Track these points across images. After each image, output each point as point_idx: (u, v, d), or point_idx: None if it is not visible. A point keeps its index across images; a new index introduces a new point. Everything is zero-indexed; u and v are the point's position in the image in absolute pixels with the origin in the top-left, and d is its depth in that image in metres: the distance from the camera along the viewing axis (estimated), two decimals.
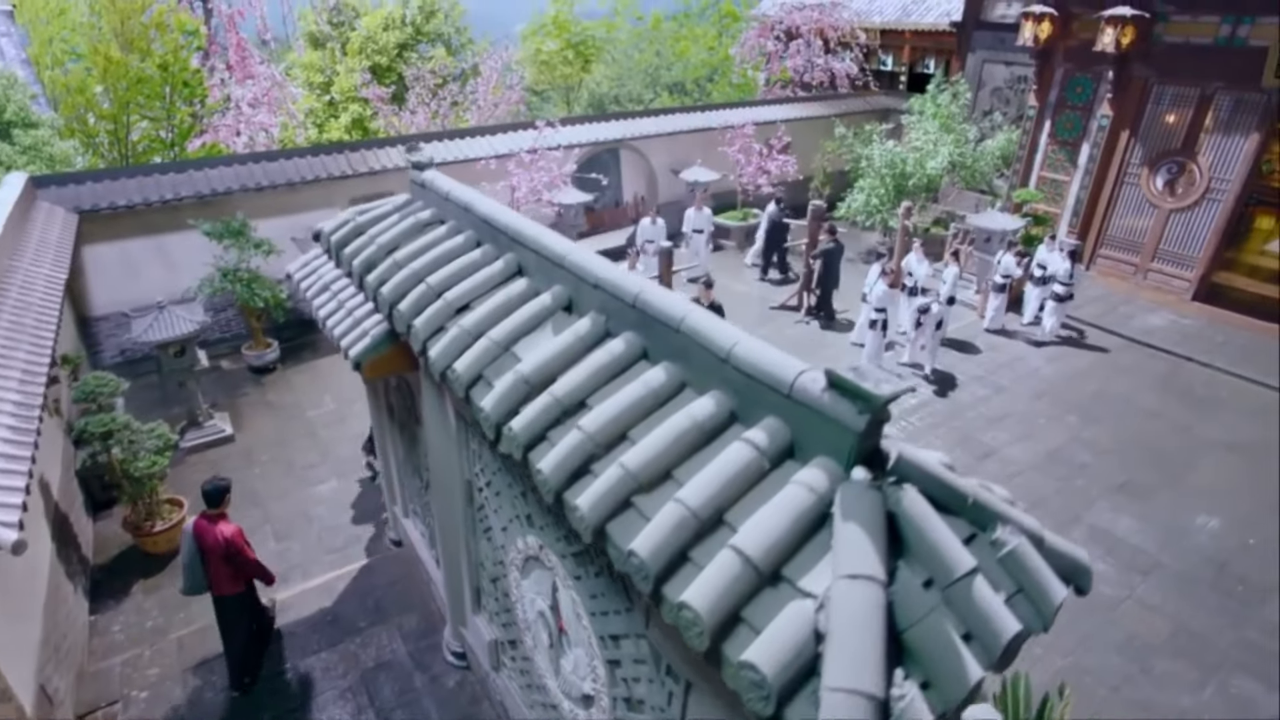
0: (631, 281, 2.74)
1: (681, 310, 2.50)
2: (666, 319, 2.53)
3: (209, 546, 5.25)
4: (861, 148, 14.92)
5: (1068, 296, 11.46)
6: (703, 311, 2.51)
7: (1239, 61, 11.01)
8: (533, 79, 23.37)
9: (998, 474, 8.50)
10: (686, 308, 2.51)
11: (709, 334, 2.38)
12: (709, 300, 9.57)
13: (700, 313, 2.49)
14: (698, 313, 2.48)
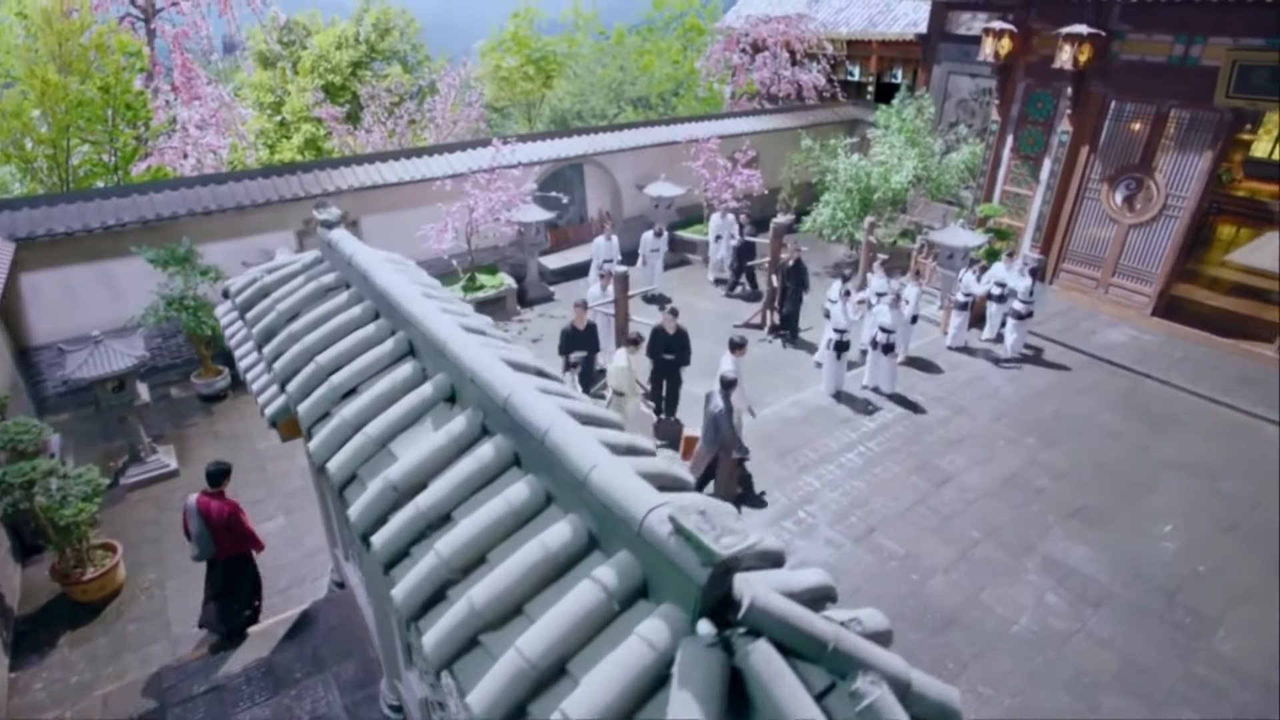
0: (504, 381, 2.59)
1: (547, 421, 2.36)
2: (532, 429, 2.39)
3: (213, 519, 6.16)
4: (828, 160, 14.87)
5: (1028, 314, 11.46)
6: (567, 424, 2.36)
7: (1192, 80, 11.04)
8: (493, 96, 23.10)
9: (955, 501, 8.45)
10: (553, 418, 2.37)
11: (569, 453, 2.24)
12: (673, 328, 9.43)
13: (564, 426, 2.34)
14: (562, 426, 2.34)
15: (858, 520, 8.12)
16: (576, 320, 9.46)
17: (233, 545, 6.43)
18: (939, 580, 7.34)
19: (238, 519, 6.35)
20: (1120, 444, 9.56)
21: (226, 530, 6.27)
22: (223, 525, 6.23)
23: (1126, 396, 10.69)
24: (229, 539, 6.34)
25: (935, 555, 7.64)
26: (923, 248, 13.66)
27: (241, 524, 6.39)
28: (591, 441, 2.28)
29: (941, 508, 8.33)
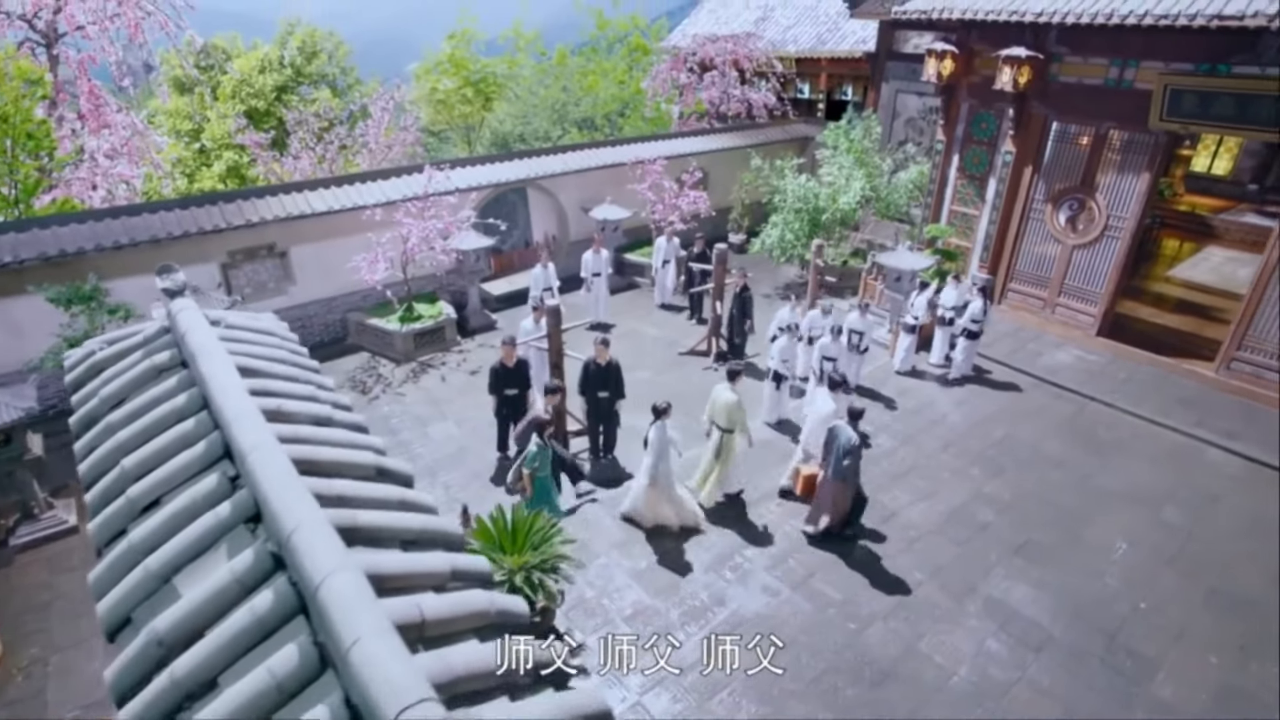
0: (290, 512, 2.22)
1: (323, 570, 1.99)
2: (306, 580, 2.02)
3: None
4: (777, 180, 14.71)
5: (978, 334, 11.35)
6: (344, 578, 1.99)
7: (1127, 103, 11.05)
8: (429, 119, 22.60)
9: (898, 539, 8.21)
10: (332, 567, 2.00)
11: (334, 618, 1.87)
12: (605, 359, 9.09)
13: (339, 582, 1.98)
14: (336, 582, 1.98)
15: (796, 564, 7.83)
16: (505, 358, 9.08)
17: None
18: (878, 628, 7.07)
19: None
20: (1064, 472, 9.42)
21: None
22: None
23: (1072, 421, 10.59)
24: None
25: (875, 601, 7.38)
26: (872, 269, 13.52)
27: None
28: (365, 602, 1.91)
29: (883, 548, 8.08)
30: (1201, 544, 8.23)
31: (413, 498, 2.88)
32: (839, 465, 7.62)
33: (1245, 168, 18.85)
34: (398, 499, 2.82)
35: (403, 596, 2.23)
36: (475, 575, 2.53)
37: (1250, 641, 7.00)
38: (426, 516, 2.72)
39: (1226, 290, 13.90)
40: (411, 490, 2.99)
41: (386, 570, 2.28)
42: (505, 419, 9.50)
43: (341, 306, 12.93)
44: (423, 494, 3.03)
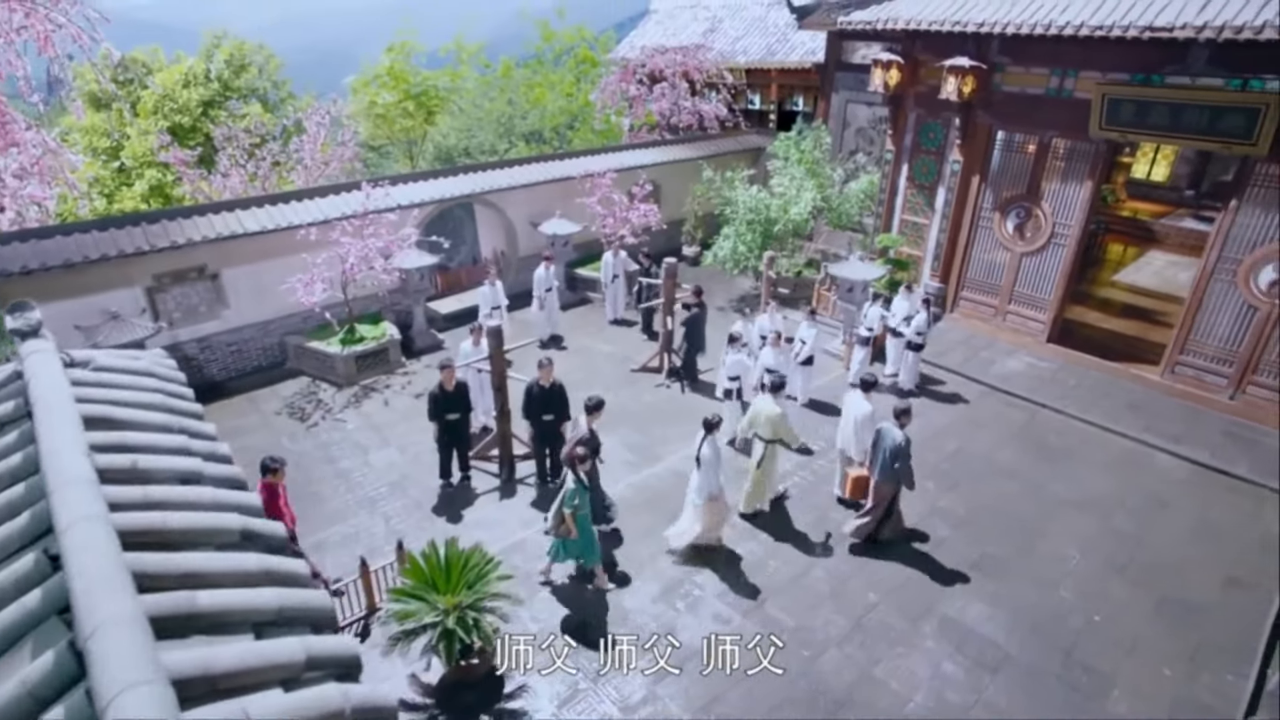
0: (95, 609, 1.87)
1: (114, 686, 1.65)
2: (97, 698, 1.67)
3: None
4: (728, 191, 14.58)
5: (921, 346, 11.29)
6: (137, 696, 1.65)
7: (1069, 112, 11.15)
8: (369, 134, 22.00)
9: (852, 559, 8.01)
10: (124, 681, 1.66)
11: None
12: (549, 380, 8.77)
13: (131, 701, 1.63)
14: (127, 701, 1.63)
15: (748, 590, 7.57)
16: (444, 382, 8.71)
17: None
18: (832, 655, 6.84)
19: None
20: (1017, 483, 9.36)
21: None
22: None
23: (1024, 429, 10.57)
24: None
25: (829, 625, 7.16)
26: (825, 280, 13.44)
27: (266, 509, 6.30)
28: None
29: (839, 567, 7.88)
30: (1152, 551, 8.20)
31: (278, 566, 2.54)
32: (888, 467, 7.66)
33: (1181, 174, 19.35)
34: (260, 570, 2.47)
35: (233, 700, 1.90)
36: (337, 662, 2.20)
37: (1201, 650, 6.94)
38: (287, 591, 2.38)
39: (1169, 294, 14.13)
40: (278, 556, 2.64)
41: (220, 668, 1.95)
42: (447, 445, 9.11)
43: (280, 330, 12.39)
44: (291, 560, 2.68)
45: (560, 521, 7.11)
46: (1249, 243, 10.16)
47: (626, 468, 9.66)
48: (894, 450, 7.58)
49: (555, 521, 7.20)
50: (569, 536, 7.16)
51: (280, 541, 2.80)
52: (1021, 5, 10.70)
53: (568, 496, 6.96)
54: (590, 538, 7.34)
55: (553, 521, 7.24)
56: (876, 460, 7.82)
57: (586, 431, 7.81)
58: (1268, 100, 9.33)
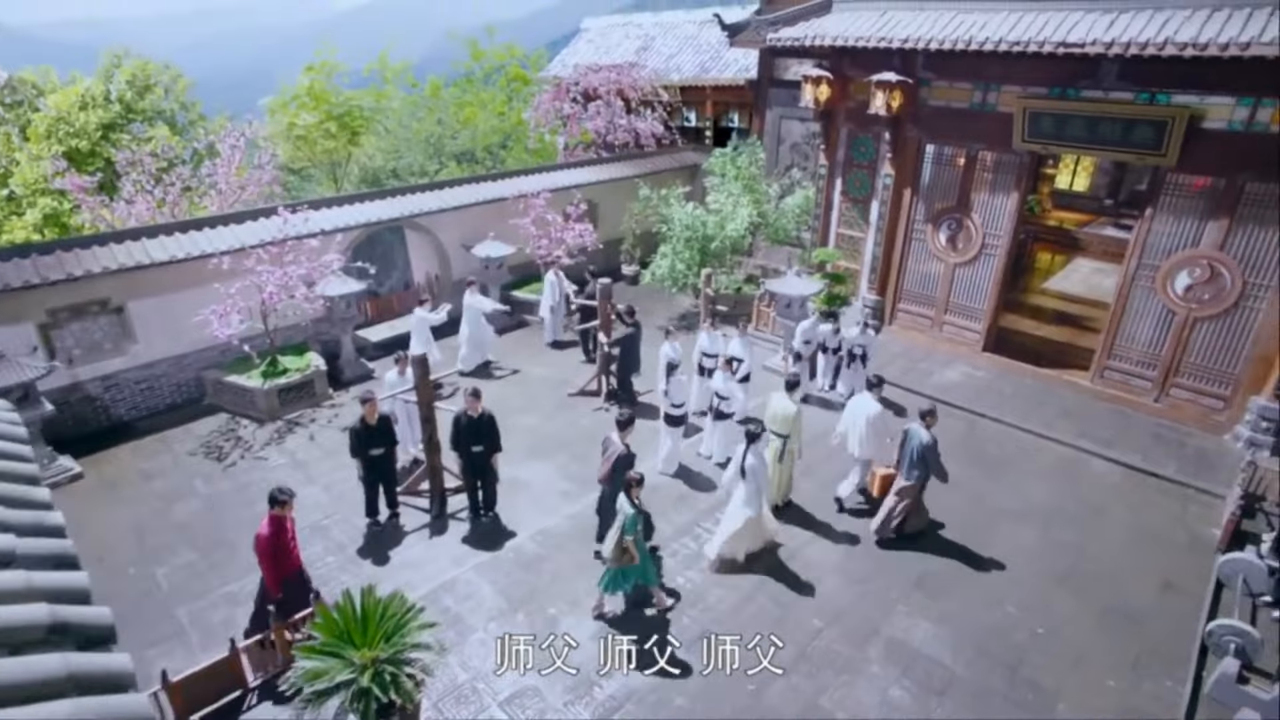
0: None
1: None
2: None
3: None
4: (665, 209, 14.44)
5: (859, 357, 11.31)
6: None
7: (993, 125, 11.37)
8: (289, 156, 21.18)
9: (797, 582, 7.80)
10: None
11: None
12: (477, 411, 8.37)
13: None
14: None
15: (691, 620, 7.28)
16: (366, 415, 8.23)
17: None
18: (778, 686, 6.58)
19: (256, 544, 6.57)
20: (959, 494, 9.29)
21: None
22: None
23: (964, 440, 10.58)
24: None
25: (774, 655, 6.89)
26: (763, 296, 13.38)
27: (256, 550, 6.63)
28: None
29: (782, 594, 7.65)
30: (1091, 560, 8.22)
31: (84, 668, 2.13)
32: (914, 465, 7.98)
33: (1101, 184, 20.11)
34: (63, 674, 2.07)
35: None
36: None
37: (1142, 659, 6.94)
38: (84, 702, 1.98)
39: (1096, 300, 14.52)
40: (89, 654, 2.23)
41: None
42: (372, 483, 8.62)
43: (196, 364, 11.67)
44: (111, 656, 2.27)
45: (622, 551, 6.84)
46: (1165, 249, 10.45)
47: (563, 498, 9.30)
48: (921, 449, 7.89)
49: (616, 552, 6.86)
50: (632, 564, 6.93)
51: (102, 631, 2.38)
52: (943, 22, 10.87)
53: (628, 524, 6.73)
54: (648, 560, 7.16)
55: (613, 553, 6.87)
56: (903, 460, 8.11)
57: (623, 448, 7.58)
58: (1174, 113, 9.64)
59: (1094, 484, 9.61)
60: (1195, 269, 10.21)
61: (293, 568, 6.84)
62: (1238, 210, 9.75)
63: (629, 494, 6.80)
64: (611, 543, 6.85)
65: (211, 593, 7.77)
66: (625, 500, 6.79)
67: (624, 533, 6.76)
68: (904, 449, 8.10)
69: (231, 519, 9.01)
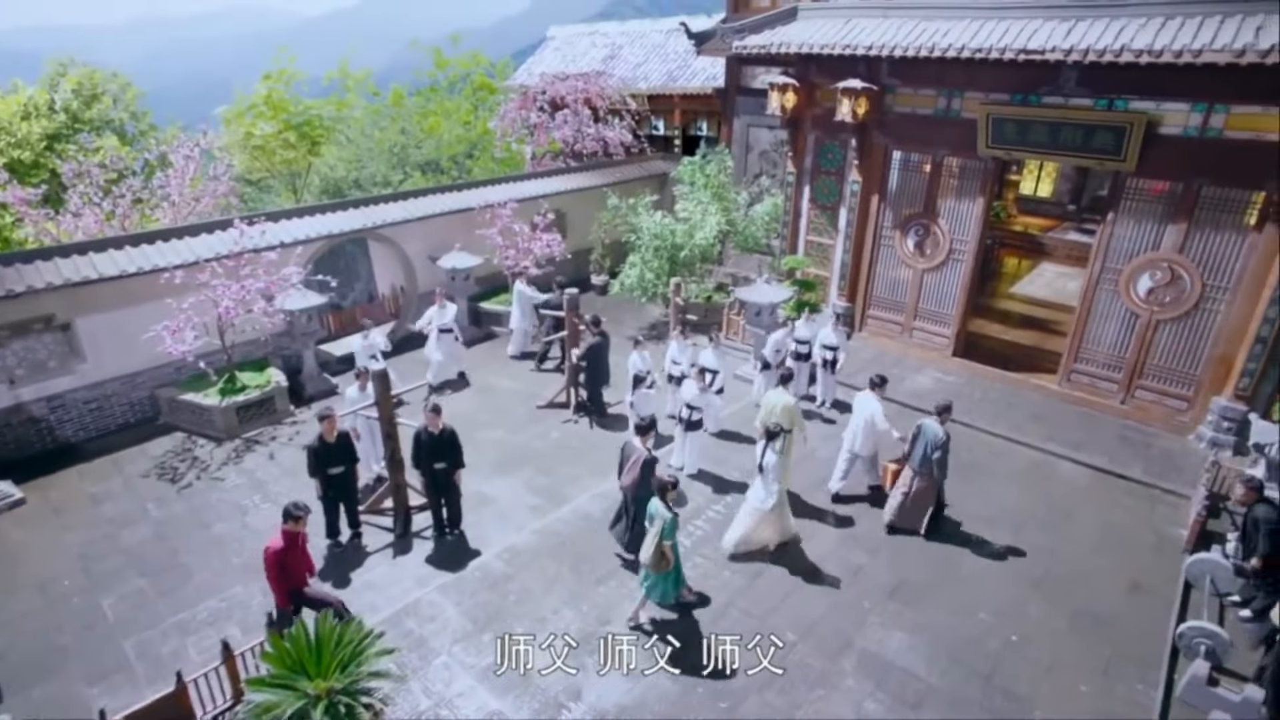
0: None
1: None
2: None
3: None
4: (633, 218, 14.34)
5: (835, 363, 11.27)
6: None
7: (958, 131, 11.44)
8: (246, 167, 20.81)
9: (770, 594, 7.67)
10: None
11: None
12: (438, 427, 8.14)
13: None
14: None
15: (658, 638, 7.09)
16: (325, 433, 7.97)
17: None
18: (751, 704, 6.43)
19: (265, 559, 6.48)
20: None
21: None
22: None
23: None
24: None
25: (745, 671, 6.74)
26: (733, 305, 13.32)
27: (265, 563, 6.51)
28: None
29: (754, 606, 7.51)
30: (1063, 563, 8.21)
31: None
32: (927, 459, 8.20)
33: (1064, 190, 20.43)
34: None
35: None
36: None
37: (1114, 662, 6.90)
38: None
39: (1062, 304, 14.68)
40: None
41: None
42: (332, 502, 8.34)
43: (149, 382, 11.28)
44: None
45: (661, 557, 6.81)
46: (1127, 253, 10.57)
47: (531, 513, 9.09)
48: (934, 443, 8.18)
49: (655, 558, 6.81)
50: (668, 569, 6.91)
51: None
52: (907, 29, 10.93)
53: (666, 529, 6.72)
54: (680, 563, 7.18)
55: (652, 558, 6.81)
56: (916, 453, 8.33)
57: (646, 452, 7.59)
58: (1132, 119, 9.77)
59: (1063, 487, 9.63)
60: (1156, 272, 10.33)
61: (302, 582, 6.76)
62: (1195, 214, 9.89)
63: (663, 498, 6.79)
64: (651, 548, 6.79)
65: (161, 622, 7.43)
66: (661, 505, 6.77)
67: (663, 538, 6.72)
68: (916, 443, 8.35)
69: (185, 543, 8.66)
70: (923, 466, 8.26)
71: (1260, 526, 6.93)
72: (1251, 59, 8.21)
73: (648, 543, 6.80)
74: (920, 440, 8.31)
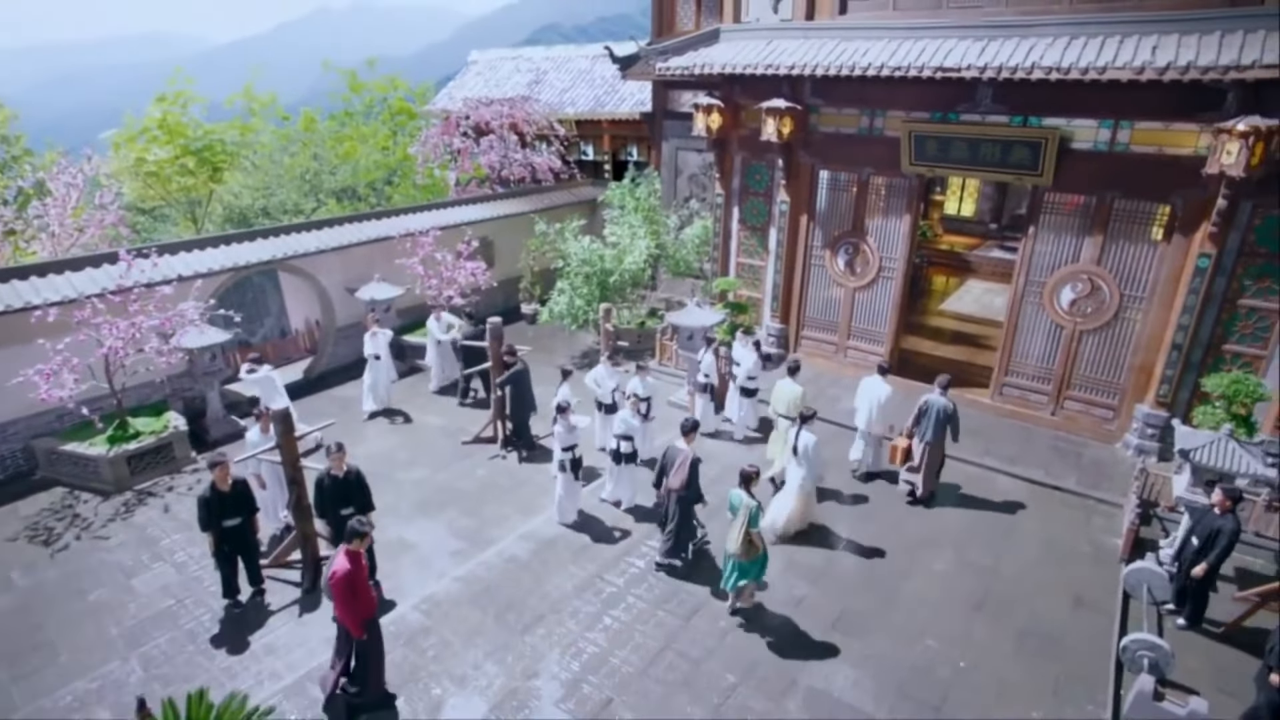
0: None
1: None
2: None
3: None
4: (562, 244, 13.94)
5: (754, 391, 10.94)
6: None
7: (882, 149, 11.50)
8: (138, 194, 19.64)
9: (708, 634, 7.22)
10: None
11: None
12: (342, 469, 7.46)
13: None
14: None
15: (592, 688, 6.56)
16: (218, 481, 7.20)
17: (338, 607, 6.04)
18: None
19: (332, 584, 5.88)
20: (873, 525, 9.02)
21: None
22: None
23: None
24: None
25: None
26: (666, 330, 13.00)
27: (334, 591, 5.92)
28: None
29: (691, 648, 7.04)
30: (1005, 581, 8.03)
31: None
32: (940, 429, 9.14)
33: (985, 209, 21.04)
34: None
35: None
36: None
37: (1062, 682, 6.70)
38: None
39: (990, 319, 14.88)
40: None
41: None
42: (228, 558, 7.52)
43: (24, 433, 10.19)
44: None
45: (750, 544, 7.07)
46: (1049, 266, 10.71)
47: (453, 558, 8.43)
48: (943, 413, 9.09)
49: (745, 546, 7.06)
50: (757, 555, 7.16)
51: None
52: (827, 49, 10.96)
53: (753, 517, 7.02)
54: (767, 548, 7.45)
55: (741, 546, 7.05)
56: (926, 426, 9.18)
57: (691, 452, 7.79)
58: (1046, 134, 9.95)
59: (1002, 502, 9.54)
60: (1077, 283, 10.49)
61: (372, 608, 6.18)
62: (1110, 226, 10.09)
63: (747, 487, 7.07)
64: (739, 537, 7.01)
65: (13, 713, 6.45)
66: (745, 494, 7.03)
67: (750, 525, 6.98)
68: (924, 417, 9.20)
69: (55, 615, 7.66)
70: (934, 437, 9.13)
71: (1224, 538, 6.93)
72: (1150, 75, 8.43)
73: (735, 533, 7.04)
74: (929, 415, 9.14)
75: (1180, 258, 9.59)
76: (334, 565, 5.87)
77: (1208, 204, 9.06)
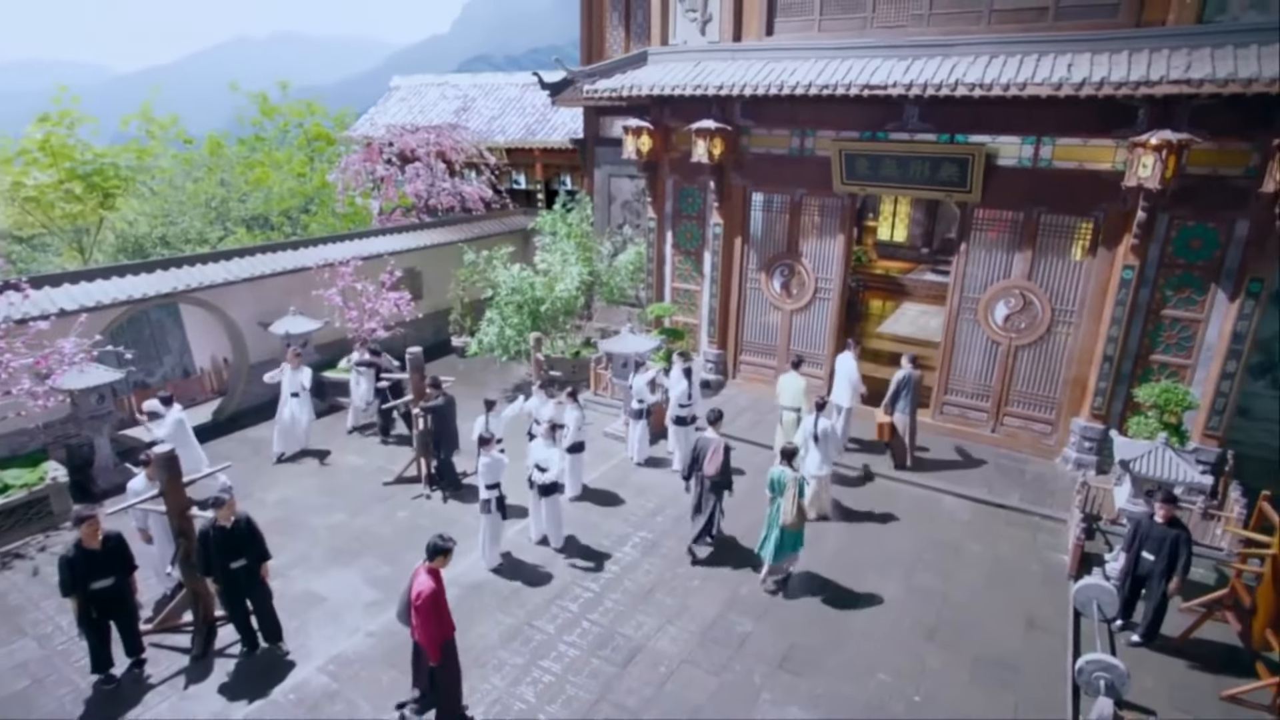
0: None
1: None
2: None
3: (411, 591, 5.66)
4: (491, 272, 13.38)
5: (690, 419, 10.46)
6: None
7: (813, 169, 11.43)
8: (14, 221, 18.23)
9: (647, 681, 6.61)
10: None
11: None
12: (230, 517, 6.65)
13: None
14: None
15: None
16: (85, 539, 6.31)
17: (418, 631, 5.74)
18: None
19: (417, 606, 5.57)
20: (817, 552, 8.58)
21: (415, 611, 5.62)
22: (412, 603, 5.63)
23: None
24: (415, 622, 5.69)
25: None
26: (600, 359, 12.53)
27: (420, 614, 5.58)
28: None
29: (628, 698, 6.42)
30: (955, 606, 7.71)
31: None
32: (913, 401, 10.05)
33: (917, 234, 21.46)
34: None
35: None
36: None
37: (1020, 709, 6.36)
38: None
39: (927, 340, 14.91)
40: None
41: None
42: (96, 626, 6.57)
43: None
44: None
45: (800, 513, 7.53)
46: (982, 282, 10.70)
47: (367, 611, 7.64)
48: (916, 384, 10.01)
49: (796, 514, 7.50)
50: (803, 524, 7.66)
51: None
52: (755, 70, 10.88)
53: (802, 488, 7.65)
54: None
55: (794, 515, 7.48)
56: (905, 399, 9.98)
57: (720, 439, 8.21)
58: (972, 151, 10.01)
59: (948, 522, 9.29)
60: (1010, 299, 10.49)
61: (452, 628, 5.89)
62: (1038, 241, 10.15)
63: (790, 462, 7.62)
64: (792, 506, 7.45)
65: None
66: (787, 469, 7.55)
67: (801, 495, 7.54)
68: (901, 391, 9.93)
69: None
70: (911, 407, 9.97)
71: (1185, 549, 6.84)
72: (1068, 91, 8.54)
73: (788, 504, 7.44)
74: (906, 388, 9.86)
75: (1106, 270, 9.68)
76: (417, 586, 5.58)
77: (1128, 217, 9.19)
